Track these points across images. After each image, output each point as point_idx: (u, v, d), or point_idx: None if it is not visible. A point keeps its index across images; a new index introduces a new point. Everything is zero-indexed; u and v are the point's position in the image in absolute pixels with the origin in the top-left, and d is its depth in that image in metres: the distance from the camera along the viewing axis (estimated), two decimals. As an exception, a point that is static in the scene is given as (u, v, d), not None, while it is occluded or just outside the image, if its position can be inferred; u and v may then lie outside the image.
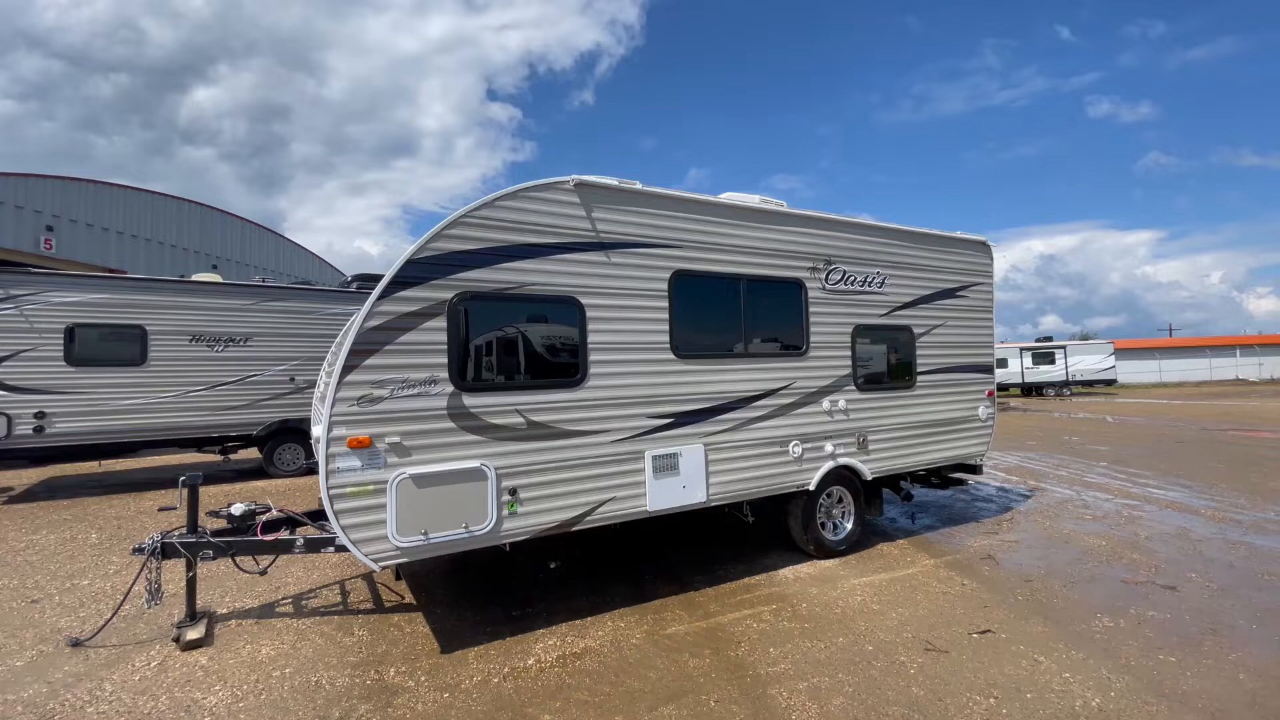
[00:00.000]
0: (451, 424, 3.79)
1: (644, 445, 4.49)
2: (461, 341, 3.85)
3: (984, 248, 6.97)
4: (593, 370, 4.30)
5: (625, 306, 4.46)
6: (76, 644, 4.01)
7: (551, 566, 4.78)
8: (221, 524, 4.54)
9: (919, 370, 6.28)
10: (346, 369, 3.49)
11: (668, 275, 4.67)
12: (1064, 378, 32.80)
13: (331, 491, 3.44)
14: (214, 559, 4.18)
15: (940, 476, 6.88)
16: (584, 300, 4.28)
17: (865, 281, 5.86)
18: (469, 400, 3.84)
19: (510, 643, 3.97)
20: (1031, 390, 33.11)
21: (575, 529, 4.24)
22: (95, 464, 11.29)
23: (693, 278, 4.79)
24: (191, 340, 9.63)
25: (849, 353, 5.69)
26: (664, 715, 3.14)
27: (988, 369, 7.00)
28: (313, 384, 10.63)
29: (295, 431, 10.51)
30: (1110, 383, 35.48)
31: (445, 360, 3.77)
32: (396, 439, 3.61)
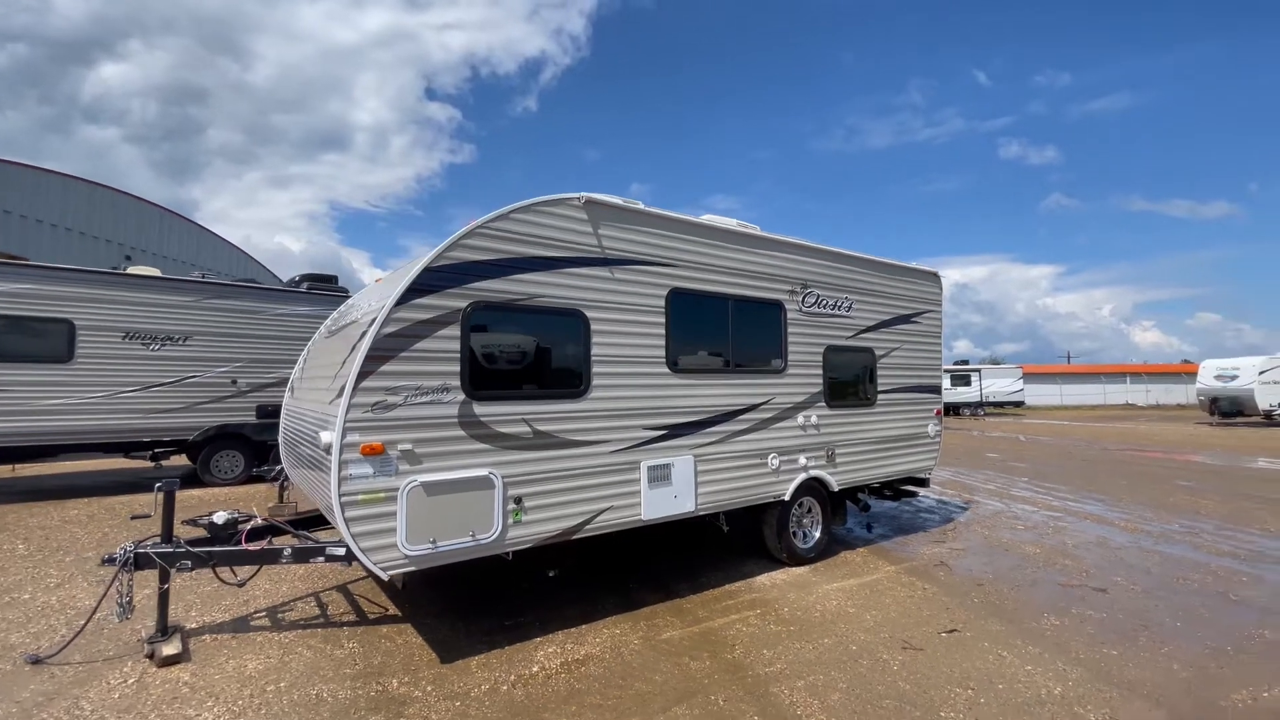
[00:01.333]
0: (462, 432, 3.80)
1: (640, 456, 4.63)
2: (474, 350, 3.88)
3: (935, 278, 7.57)
4: (595, 382, 4.42)
5: (626, 321, 4.61)
6: (36, 661, 3.73)
7: (550, 575, 4.81)
8: (198, 533, 4.32)
9: (879, 389, 6.73)
10: (362, 375, 3.46)
11: (665, 292, 4.85)
12: (979, 399, 35.26)
13: (343, 499, 3.39)
14: (191, 570, 3.99)
15: (893, 489, 7.36)
16: (589, 313, 4.40)
17: (835, 305, 6.26)
18: (479, 409, 3.87)
19: (510, 651, 4.00)
20: (949, 410, 35.34)
21: (575, 537, 4.31)
22: (9, 468, 10.27)
23: (687, 296, 5.00)
24: (125, 337, 9.01)
25: (821, 371, 6.05)
26: (677, 715, 3.27)
27: (936, 389, 7.57)
28: (256, 387, 10.16)
29: (235, 437, 9.97)
30: (1019, 404, 38.45)
31: (458, 368, 3.80)
32: (408, 446, 3.60)
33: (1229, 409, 26.18)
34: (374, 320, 3.60)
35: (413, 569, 3.62)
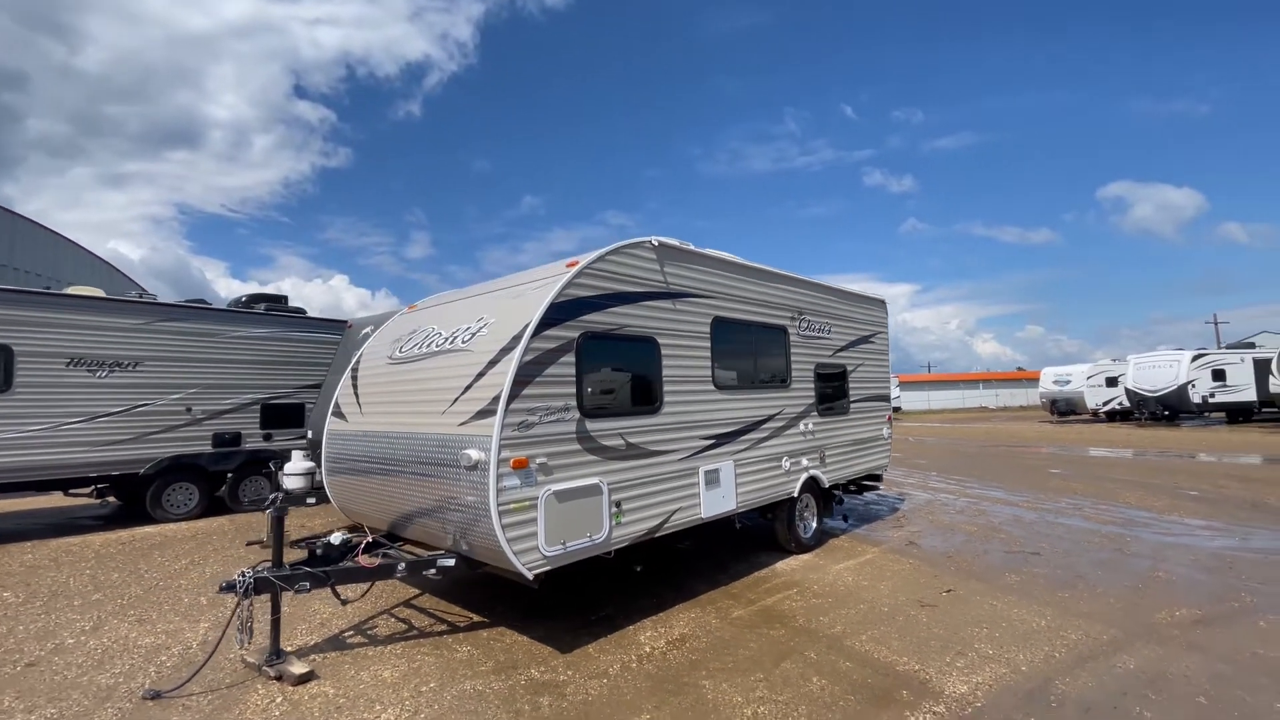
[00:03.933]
0: (578, 446, 4.33)
1: (698, 463, 5.35)
2: (584, 374, 4.43)
3: (883, 305, 8.95)
4: (666, 399, 5.09)
5: (685, 345, 5.33)
6: (157, 696, 3.75)
7: (637, 569, 5.31)
8: (297, 555, 4.45)
9: (851, 399, 7.90)
10: (511, 398, 3.91)
11: (710, 320, 5.63)
12: (866, 406, 39.06)
13: (500, 507, 3.81)
14: (309, 590, 4.16)
15: (858, 484, 8.56)
16: (660, 339, 5.08)
17: (820, 329, 7.35)
18: (590, 425, 4.42)
19: (615, 638, 4.53)
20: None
21: (656, 535, 4.93)
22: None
23: (724, 323, 5.81)
24: (70, 364, 8.31)
25: (813, 385, 7.08)
26: (788, 669, 4.01)
27: (887, 398, 8.91)
28: (211, 414, 9.65)
29: (189, 468, 9.38)
30: (897, 410, 42.96)
31: (574, 390, 4.33)
32: (544, 459, 4.08)
33: (1065, 409, 31.15)
34: (509, 350, 4.07)
35: (549, 568, 4.09)
